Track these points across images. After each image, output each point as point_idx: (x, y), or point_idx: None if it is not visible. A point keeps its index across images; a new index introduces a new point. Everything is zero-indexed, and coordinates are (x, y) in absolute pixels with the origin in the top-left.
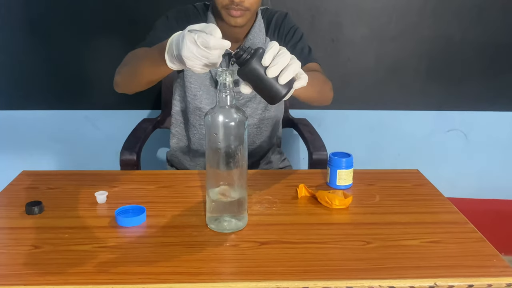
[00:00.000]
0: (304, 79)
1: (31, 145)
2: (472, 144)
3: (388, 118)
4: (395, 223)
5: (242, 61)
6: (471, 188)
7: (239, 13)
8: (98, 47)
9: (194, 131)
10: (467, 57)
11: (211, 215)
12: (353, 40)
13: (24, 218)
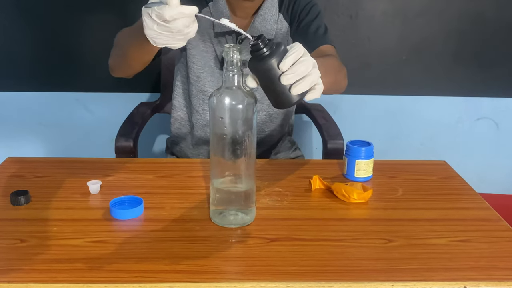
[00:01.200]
0: (318, 91)
1: (17, 130)
2: (504, 134)
3: (410, 104)
4: (420, 219)
5: (259, 55)
6: (502, 183)
7: None
8: (91, 23)
9: (197, 116)
10: (501, 37)
11: (216, 208)
12: (373, 17)
13: (8, 209)
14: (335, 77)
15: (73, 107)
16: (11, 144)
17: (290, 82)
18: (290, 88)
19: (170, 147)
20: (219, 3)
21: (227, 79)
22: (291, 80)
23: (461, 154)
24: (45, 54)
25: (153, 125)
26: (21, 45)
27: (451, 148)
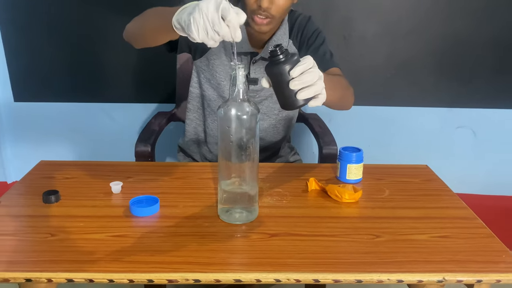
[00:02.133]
0: (320, 99)
1: (50, 135)
2: (481, 141)
3: (398, 114)
4: (404, 217)
5: (275, 60)
6: (479, 185)
7: (265, 21)
8: (115, 45)
9: (214, 117)
10: (478, 55)
11: (223, 207)
12: (364, 37)
13: (41, 207)
14: (342, 93)
15: (99, 116)
16: (44, 148)
17: (297, 88)
18: (296, 93)
19: (182, 147)
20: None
21: (233, 93)
22: (298, 86)
23: (442, 158)
24: (74, 70)
25: (169, 132)
26: (53, 62)
27: (434, 153)
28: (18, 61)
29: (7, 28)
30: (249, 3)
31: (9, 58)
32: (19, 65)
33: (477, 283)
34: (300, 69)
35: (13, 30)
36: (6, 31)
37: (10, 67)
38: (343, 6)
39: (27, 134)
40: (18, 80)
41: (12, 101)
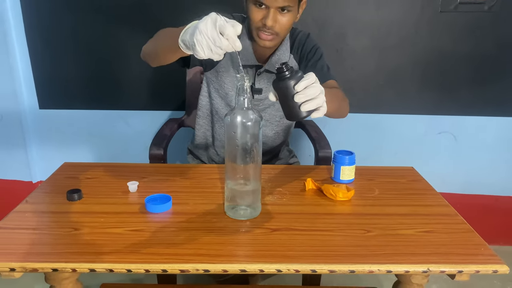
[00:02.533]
0: (322, 111)
1: (72, 139)
2: (461, 145)
3: (386, 121)
4: (393, 214)
5: (282, 76)
6: (459, 184)
7: (269, 37)
8: (132, 58)
9: (221, 123)
10: (458, 67)
11: (229, 204)
12: (355, 50)
13: (65, 204)
14: (339, 104)
15: (116, 122)
16: (67, 151)
17: (301, 101)
18: (300, 105)
19: (192, 150)
20: (245, 42)
21: (239, 102)
22: (302, 99)
23: (427, 161)
24: (95, 80)
25: (179, 137)
26: (75, 73)
27: (419, 156)
28: (43, 72)
29: (33, 41)
30: (254, 21)
31: (35, 68)
32: (44, 75)
33: (458, 273)
34: (304, 84)
35: (39, 43)
36: (33, 44)
37: (36, 77)
38: (336, 23)
39: (51, 138)
40: (43, 89)
41: (37, 108)
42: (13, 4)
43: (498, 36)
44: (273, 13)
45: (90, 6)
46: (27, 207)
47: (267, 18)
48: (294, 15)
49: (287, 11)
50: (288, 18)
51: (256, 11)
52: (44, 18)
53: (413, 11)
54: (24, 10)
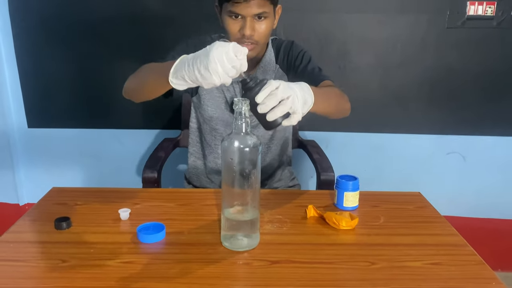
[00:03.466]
0: (294, 119)
1: (62, 160)
2: (470, 166)
3: (391, 141)
4: (399, 244)
5: (247, 87)
6: (469, 207)
7: (250, 47)
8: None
9: (210, 150)
10: (466, 85)
11: (226, 233)
12: (359, 68)
13: (53, 233)
14: (337, 101)
15: (109, 141)
16: (56, 172)
17: (264, 111)
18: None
19: (188, 177)
20: None
21: (237, 127)
22: (265, 109)
23: (434, 182)
24: (86, 98)
25: (174, 156)
26: (66, 91)
27: (427, 178)
28: (33, 89)
29: (23, 58)
30: (233, 33)
31: (24, 86)
32: (33, 93)
33: None
34: (263, 94)
35: (29, 60)
36: (22, 61)
37: (25, 95)
38: (339, 40)
39: (39, 159)
40: (32, 107)
41: (26, 127)
42: (2, 22)
43: (507, 53)
44: (250, 21)
45: (82, 23)
46: (12, 236)
47: (245, 28)
48: (271, 21)
49: (263, 18)
50: (266, 25)
51: (233, 22)
52: (34, 35)
53: (419, 27)
54: (13, 27)
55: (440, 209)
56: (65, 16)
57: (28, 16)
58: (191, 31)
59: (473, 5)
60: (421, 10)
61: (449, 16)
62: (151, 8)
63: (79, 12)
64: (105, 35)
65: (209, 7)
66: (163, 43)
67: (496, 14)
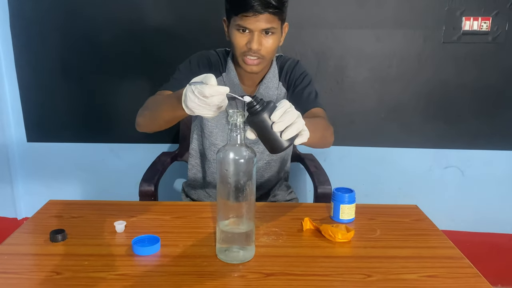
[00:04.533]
0: (305, 136)
1: (60, 174)
2: (468, 180)
3: (389, 155)
4: (395, 257)
5: (254, 111)
6: (468, 222)
7: (255, 61)
8: (124, 87)
9: (209, 164)
10: (463, 99)
11: (221, 246)
12: (356, 82)
13: (48, 245)
14: (322, 133)
15: (107, 155)
16: (54, 186)
17: (281, 129)
18: (281, 134)
19: (186, 190)
20: (230, 74)
21: (232, 138)
22: (282, 126)
23: (433, 197)
24: (85, 112)
25: (172, 171)
26: (65, 105)
27: (425, 192)
28: (32, 104)
29: (23, 73)
30: (239, 47)
31: (24, 100)
32: (33, 108)
33: None
34: (280, 112)
35: (29, 75)
36: (22, 76)
37: (25, 109)
38: (336, 55)
39: (38, 172)
40: (31, 121)
41: (25, 141)
42: (3, 37)
43: (503, 67)
44: (257, 36)
45: (82, 38)
46: (7, 248)
47: (252, 42)
48: (278, 37)
49: (270, 34)
50: (273, 41)
51: (240, 36)
52: (34, 50)
53: (415, 42)
54: (14, 42)
55: (439, 224)
56: (65, 31)
57: (29, 31)
58: (191, 46)
59: (468, 20)
60: (417, 26)
61: (445, 31)
62: (151, 24)
63: (79, 27)
64: (105, 50)
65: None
66: (163, 58)
67: (491, 29)
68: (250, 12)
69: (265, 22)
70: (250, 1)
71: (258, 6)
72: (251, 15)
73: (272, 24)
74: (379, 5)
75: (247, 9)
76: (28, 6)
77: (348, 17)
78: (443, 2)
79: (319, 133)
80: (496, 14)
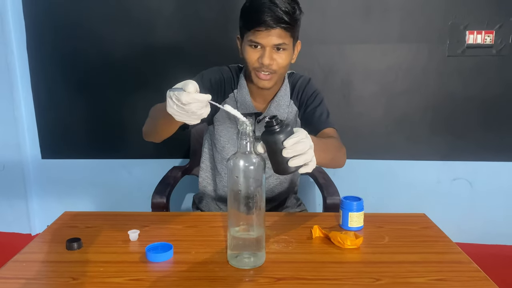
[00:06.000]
0: (310, 167)
1: (74, 189)
2: (477, 192)
3: (397, 167)
4: (403, 262)
5: (271, 130)
6: (477, 234)
7: (268, 76)
8: (134, 104)
9: (220, 178)
10: (468, 111)
11: (232, 252)
12: (363, 96)
13: (64, 253)
14: (334, 154)
15: (119, 171)
16: (68, 201)
17: (289, 156)
18: (288, 160)
19: (197, 202)
20: (242, 91)
21: (241, 146)
22: (290, 155)
23: (441, 209)
24: (98, 130)
25: (183, 185)
26: (79, 123)
27: (433, 204)
28: (47, 122)
29: (38, 92)
30: (251, 62)
31: (39, 119)
32: (48, 126)
33: None
34: (294, 140)
35: (44, 94)
36: (38, 96)
37: (40, 127)
38: (342, 70)
39: (52, 189)
40: (46, 139)
41: (40, 158)
42: (20, 55)
43: (507, 80)
44: (269, 51)
45: (94, 58)
46: (25, 256)
47: (264, 57)
48: (289, 54)
49: (282, 50)
50: (284, 57)
51: (252, 51)
52: (49, 71)
53: (421, 56)
54: (30, 61)
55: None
56: (79, 52)
57: (44, 52)
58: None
59: (472, 34)
60: (421, 40)
61: (449, 45)
62: (163, 44)
63: (93, 47)
64: (118, 69)
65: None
66: (174, 75)
67: (495, 43)
68: (262, 27)
69: (276, 38)
70: (262, 16)
71: (271, 21)
72: (263, 30)
73: (283, 40)
74: (384, 21)
75: (259, 23)
76: (45, 28)
77: (354, 33)
78: (447, 17)
79: (331, 154)
80: (499, 27)
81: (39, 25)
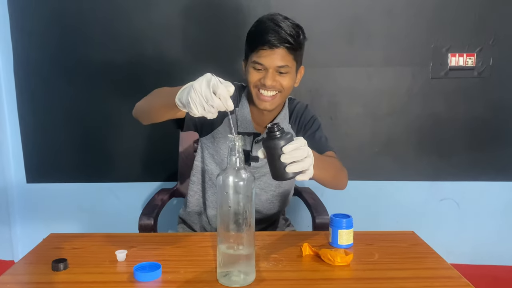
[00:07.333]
0: (307, 175)
1: (59, 214)
2: (464, 212)
3: (385, 188)
4: (394, 278)
5: (271, 136)
6: (466, 254)
7: (269, 98)
8: (122, 130)
9: (214, 190)
10: (454, 132)
11: (222, 271)
12: (349, 118)
13: (50, 274)
14: (335, 173)
15: (105, 195)
16: (53, 227)
17: (287, 162)
18: (286, 166)
19: (183, 218)
20: (244, 110)
21: (231, 162)
22: (288, 160)
23: (430, 229)
24: (84, 153)
25: (170, 207)
26: (65, 146)
27: (422, 225)
28: (33, 146)
29: (24, 116)
30: (253, 81)
31: (25, 143)
32: (33, 149)
33: None
34: (292, 147)
35: (30, 118)
36: (24, 119)
37: (25, 151)
38: (329, 92)
39: (36, 214)
40: (31, 163)
41: (24, 182)
42: (7, 83)
43: (490, 100)
44: (272, 73)
45: (82, 83)
46: (9, 278)
47: (266, 78)
48: (292, 77)
49: (284, 73)
50: (287, 80)
51: (255, 72)
52: (36, 95)
53: (405, 79)
54: (17, 88)
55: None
56: (67, 76)
57: (32, 76)
58: None
59: (454, 56)
60: (405, 63)
61: (432, 67)
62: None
63: (81, 70)
64: (105, 90)
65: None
66: None
67: (476, 65)
68: (266, 46)
69: (280, 59)
70: (267, 36)
71: (275, 40)
72: (267, 49)
73: (286, 62)
74: (369, 44)
75: (263, 43)
76: (32, 51)
77: (339, 56)
78: (429, 40)
79: (332, 171)
80: (480, 50)
81: (27, 49)
